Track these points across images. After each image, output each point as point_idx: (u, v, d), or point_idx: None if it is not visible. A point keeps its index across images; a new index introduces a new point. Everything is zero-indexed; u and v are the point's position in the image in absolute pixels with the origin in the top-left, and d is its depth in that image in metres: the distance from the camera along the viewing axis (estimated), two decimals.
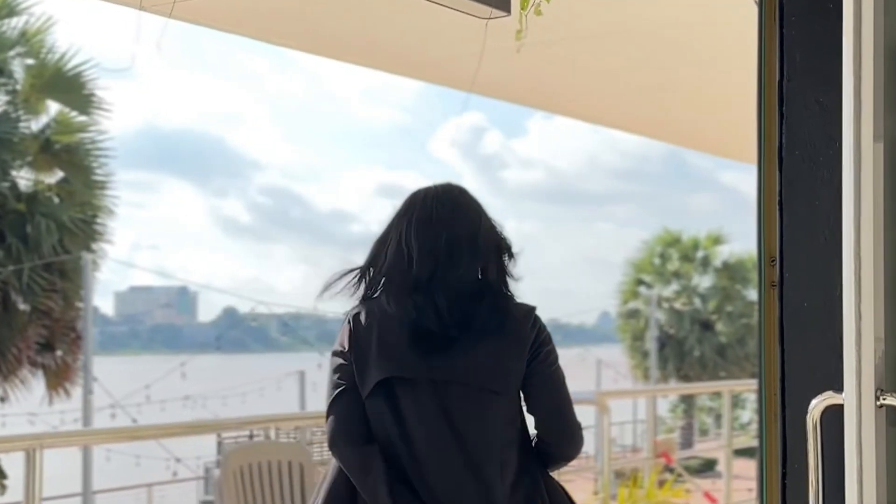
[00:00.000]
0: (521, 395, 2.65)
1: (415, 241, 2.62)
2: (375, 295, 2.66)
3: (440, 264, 2.59)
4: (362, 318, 2.61)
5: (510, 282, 2.69)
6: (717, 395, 23.78)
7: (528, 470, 2.62)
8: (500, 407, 2.58)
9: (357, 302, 2.69)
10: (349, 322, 2.63)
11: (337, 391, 2.61)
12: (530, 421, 2.69)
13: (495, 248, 2.68)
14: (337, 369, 2.63)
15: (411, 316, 2.56)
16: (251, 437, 10.24)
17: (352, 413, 2.59)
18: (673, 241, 27.93)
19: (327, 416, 2.62)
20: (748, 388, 13.76)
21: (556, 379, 2.66)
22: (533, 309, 2.66)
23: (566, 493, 2.73)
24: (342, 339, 2.64)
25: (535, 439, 2.69)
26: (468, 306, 2.58)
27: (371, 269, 2.68)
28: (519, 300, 2.69)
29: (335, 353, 2.65)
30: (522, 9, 3.67)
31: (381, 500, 2.51)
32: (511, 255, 2.70)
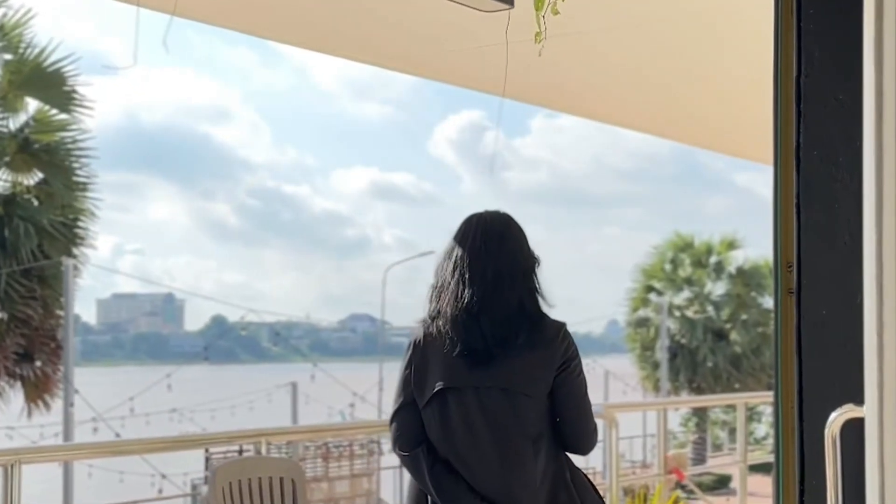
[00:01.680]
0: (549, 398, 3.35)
1: (467, 271, 3.33)
2: (434, 317, 3.36)
3: (486, 293, 3.30)
4: (421, 341, 3.35)
5: (542, 302, 3.38)
6: (731, 407, 23.80)
7: (556, 457, 3.33)
8: (532, 406, 3.29)
9: (421, 322, 3.42)
10: (411, 345, 3.38)
11: (398, 405, 3.38)
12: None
13: (531, 279, 3.38)
14: (400, 387, 3.39)
15: (462, 337, 3.28)
16: (240, 452, 10.26)
17: (408, 422, 3.36)
18: (685, 246, 27.94)
19: (390, 424, 3.40)
20: (764, 400, 13.74)
21: (578, 386, 3.37)
22: (563, 325, 3.36)
23: (589, 480, 3.43)
24: (406, 360, 3.38)
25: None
26: (508, 329, 3.28)
27: (437, 290, 3.40)
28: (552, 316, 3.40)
29: (402, 372, 3.39)
30: (537, 9, 3.68)
31: (426, 485, 3.30)
32: (541, 295, 3.39)
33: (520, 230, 3.43)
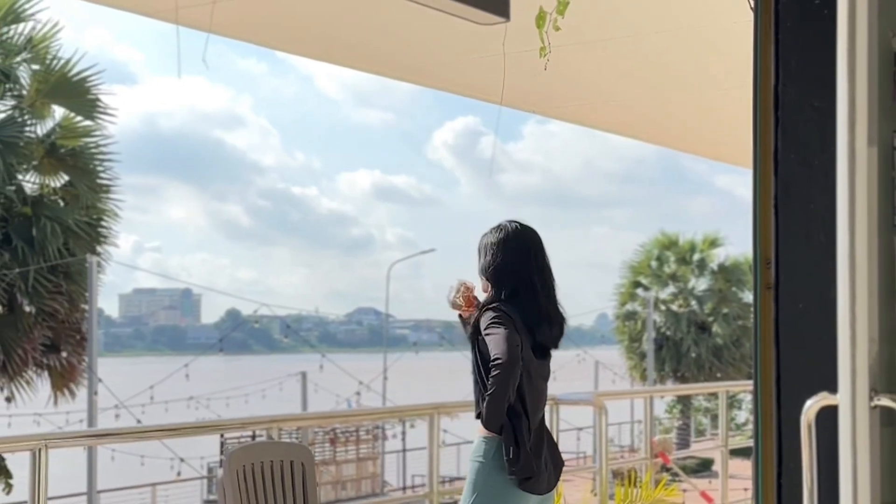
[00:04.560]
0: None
1: (541, 266, 3.93)
2: (503, 301, 3.86)
3: (545, 288, 3.92)
4: (511, 314, 3.81)
5: None
6: (713, 395, 23.77)
7: None
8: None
9: (500, 298, 3.88)
10: (506, 314, 3.80)
11: (514, 342, 3.75)
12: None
13: None
14: (512, 335, 3.76)
15: (533, 323, 3.86)
16: (254, 437, 10.25)
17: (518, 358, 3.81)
18: (670, 244, 27.94)
19: (505, 352, 3.72)
20: (744, 388, 13.73)
21: None
22: None
23: None
24: (509, 323, 3.79)
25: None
26: (561, 320, 4.00)
27: (499, 285, 3.90)
28: None
29: (508, 327, 3.78)
30: (539, 27, 3.74)
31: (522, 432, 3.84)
32: None
33: None
